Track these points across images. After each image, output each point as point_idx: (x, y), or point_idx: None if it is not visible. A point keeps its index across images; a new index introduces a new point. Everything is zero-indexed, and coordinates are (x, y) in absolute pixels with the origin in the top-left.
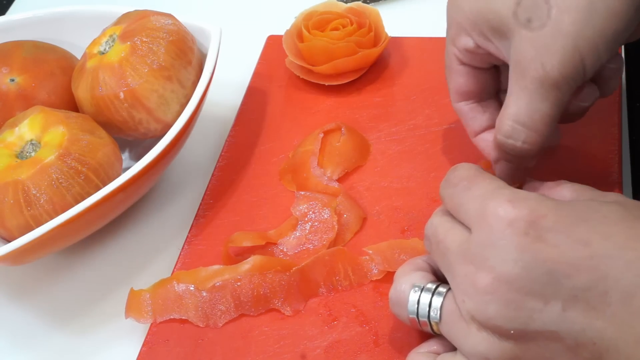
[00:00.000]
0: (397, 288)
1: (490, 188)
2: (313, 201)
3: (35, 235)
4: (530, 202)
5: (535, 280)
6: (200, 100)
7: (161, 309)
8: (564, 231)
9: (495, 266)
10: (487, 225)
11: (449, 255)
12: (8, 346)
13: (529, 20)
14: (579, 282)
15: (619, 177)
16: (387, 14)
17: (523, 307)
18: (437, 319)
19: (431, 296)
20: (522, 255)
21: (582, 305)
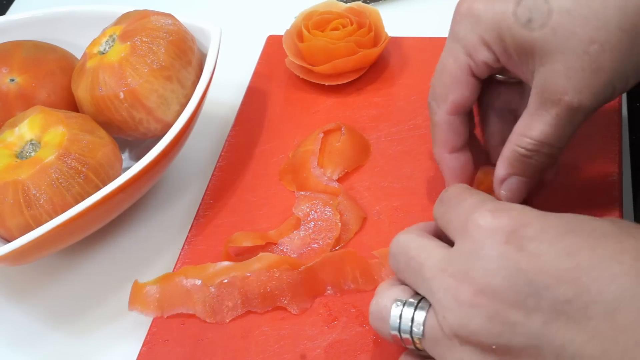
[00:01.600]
0: (379, 302)
1: (475, 202)
2: (314, 200)
3: (35, 235)
4: (512, 212)
5: (516, 291)
6: (200, 100)
7: (168, 303)
8: (548, 241)
9: (476, 278)
10: (469, 236)
11: (424, 270)
12: (8, 346)
13: (529, 20)
14: (559, 294)
15: (619, 177)
16: (387, 14)
17: (506, 320)
18: (420, 335)
19: (414, 311)
20: (504, 264)
21: (563, 318)
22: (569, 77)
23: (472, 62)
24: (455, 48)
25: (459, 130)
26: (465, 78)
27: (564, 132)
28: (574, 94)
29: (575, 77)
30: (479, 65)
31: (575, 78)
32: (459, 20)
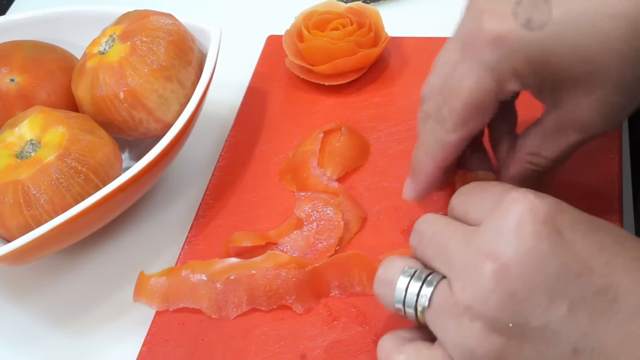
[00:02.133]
0: (387, 270)
1: (509, 186)
2: (316, 201)
3: (35, 235)
4: (551, 198)
5: (546, 273)
6: (200, 100)
7: (174, 296)
8: (582, 232)
9: (506, 252)
10: (503, 211)
11: (449, 244)
12: (8, 346)
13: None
14: (591, 283)
15: (619, 177)
16: (387, 14)
17: (529, 300)
18: (425, 305)
19: (421, 283)
20: (538, 244)
21: (589, 308)
22: (601, 111)
23: (501, 91)
24: (482, 75)
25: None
26: (492, 106)
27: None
28: (602, 126)
29: (608, 111)
30: (506, 94)
31: (608, 112)
32: (489, 47)
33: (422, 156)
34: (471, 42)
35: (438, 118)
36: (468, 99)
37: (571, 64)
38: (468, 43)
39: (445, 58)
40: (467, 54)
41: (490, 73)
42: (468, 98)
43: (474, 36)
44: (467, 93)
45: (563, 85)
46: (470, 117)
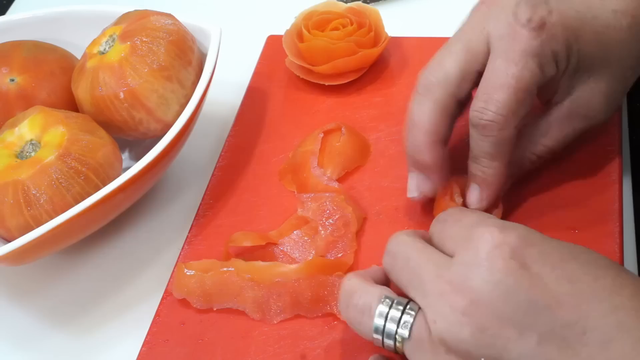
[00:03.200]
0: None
1: (479, 218)
2: (322, 200)
3: (35, 235)
4: (519, 230)
5: (514, 308)
6: (200, 100)
7: (218, 297)
8: (551, 264)
9: (475, 287)
10: (473, 246)
11: (422, 272)
12: (8, 346)
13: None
14: (559, 316)
15: (619, 177)
16: (387, 14)
17: (498, 334)
18: (405, 336)
19: (401, 312)
20: (505, 279)
21: (558, 341)
22: (608, 97)
23: (543, 75)
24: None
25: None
26: (534, 92)
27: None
28: (605, 113)
29: (613, 97)
30: (545, 79)
31: (612, 99)
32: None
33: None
34: (508, 33)
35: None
36: (516, 87)
37: (593, 50)
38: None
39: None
40: (502, 46)
41: (533, 58)
42: (516, 87)
43: (511, 26)
44: (514, 82)
45: (583, 71)
46: (520, 106)
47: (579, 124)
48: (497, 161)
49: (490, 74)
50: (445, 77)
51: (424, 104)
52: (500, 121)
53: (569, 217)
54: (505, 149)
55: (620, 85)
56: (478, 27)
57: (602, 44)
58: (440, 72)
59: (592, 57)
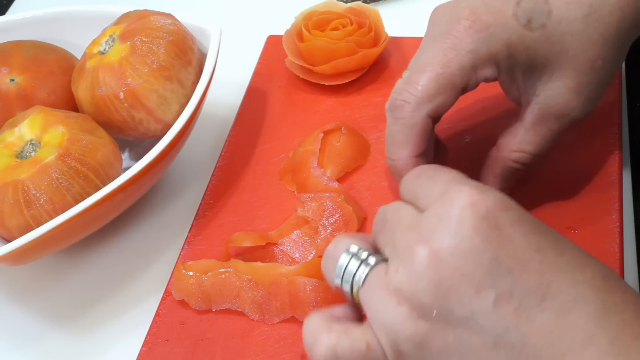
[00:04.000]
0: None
1: (458, 176)
2: (322, 200)
3: (35, 235)
4: (497, 194)
5: (476, 265)
6: (200, 100)
7: (217, 298)
8: (522, 232)
9: (440, 240)
10: (447, 202)
11: (396, 228)
12: (8, 346)
13: (529, 21)
14: (521, 280)
15: (619, 177)
16: (387, 14)
17: (455, 288)
18: (359, 284)
19: (360, 262)
20: (473, 236)
21: (515, 304)
22: (578, 92)
23: (474, 75)
24: (461, 57)
25: (430, 134)
26: (460, 87)
27: (555, 143)
28: (581, 109)
29: (584, 92)
30: (478, 80)
31: (584, 93)
32: (469, 31)
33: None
34: (445, 30)
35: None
36: (438, 72)
37: (544, 46)
38: (441, 33)
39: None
40: (438, 41)
41: (467, 54)
42: (439, 71)
43: (449, 24)
44: (438, 66)
45: (538, 69)
46: (437, 92)
47: (554, 124)
48: (406, 150)
49: (419, 57)
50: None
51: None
52: (412, 102)
53: (569, 217)
54: (416, 137)
55: (591, 77)
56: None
57: (555, 41)
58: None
59: (547, 55)
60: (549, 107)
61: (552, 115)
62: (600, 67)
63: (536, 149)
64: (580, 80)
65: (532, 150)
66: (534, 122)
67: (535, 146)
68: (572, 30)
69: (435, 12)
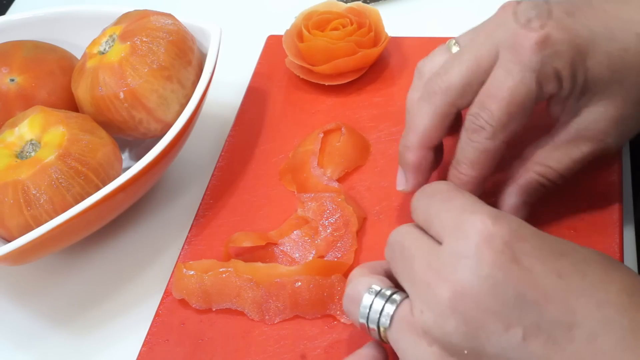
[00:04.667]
0: (354, 287)
1: (470, 202)
2: (322, 200)
3: (35, 235)
4: (512, 222)
5: (501, 302)
6: (200, 100)
7: (217, 297)
8: (542, 259)
9: (463, 279)
10: (463, 236)
11: (414, 262)
12: (8, 346)
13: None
14: (546, 312)
15: (619, 177)
16: (387, 14)
17: (484, 327)
18: (386, 325)
19: (385, 302)
20: (494, 273)
21: (544, 337)
22: (618, 123)
23: (540, 92)
24: (525, 75)
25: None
26: (530, 108)
27: (582, 166)
28: (615, 139)
29: (623, 124)
30: (544, 97)
31: (622, 125)
32: (535, 49)
33: (466, 169)
34: (512, 44)
35: (474, 126)
36: (509, 101)
37: (603, 71)
38: (508, 45)
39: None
40: (505, 56)
41: (532, 73)
42: (509, 100)
43: (516, 37)
44: (507, 95)
45: (590, 92)
46: (511, 120)
47: (586, 147)
48: (475, 171)
49: (489, 82)
50: (448, 88)
51: (424, 108)
52: (488, 130)
53: (569, 217)
54: (486, 160)
55: (634, 111)
56: (490, 34)
57: (615, 68)
58: (445, 82)
59: (603, 80)
60: (585, 130)
61: (586, 138)
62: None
63: (561, 167)
64: (625, 112)
65: (557, 167)
66: (566, 140)
67: (562, 165)
68: (633, 62)
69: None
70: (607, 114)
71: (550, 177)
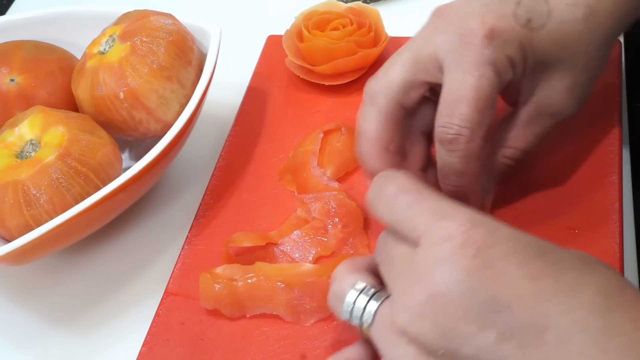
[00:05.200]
0: (339, 285)
1: (443, 204)
2: (324, 199)
3: (35, 235)
4: (487, 226)
5: (474, 305)
6: (200, 100)
7: (250, 304)
8: (515, 263)
9: (435, 283)
10: (437, 241)
11: (395, 262)
12: (8, 346)
13: (529, 21)
14: (520, 315)
15: (619, 177)
16: (387, 14)
17: (457, 329)
18: (368, 323)
19: (368, 299)
20: (466, 278)
21: (517, 340)
22: (572, 91)
23: (501, 82)
24: (483, 70)
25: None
26: (495, 98)
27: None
28: (574, 107)
29: (577, 91)
30: (503, 84)
31: (577, 92)
32: (486, 43)
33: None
34: (460, 44)
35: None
36: (476, 98)
37: (548, 46)
38: (456, 46)
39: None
40: (457, 58)
41: (489, 65)
42: (476, 97)
43: (462, 36)
44: (473, 93)
45: (542, 70)
46: (484, 115)
47: (548, 121)
48: (467, 178)
49: (448, 87)
50: (389, 85)
51: (368, 112)
52: (466, 134)
53: (569, 217)
54: (474, 163)
55: (584, 76)
56: (428, 38)
57: (557, 41)
58: (385, 81)
59: (549, 55)
60: (545, 105)
61: (547, 114)
62: (593, 66)
63: (526, 145)
64: (575, 79)
65: (523, 146)
66: (528, 120)
67: (526, 143)
68: (572, 31)
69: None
70: (561, 84)
71: (516, 156)
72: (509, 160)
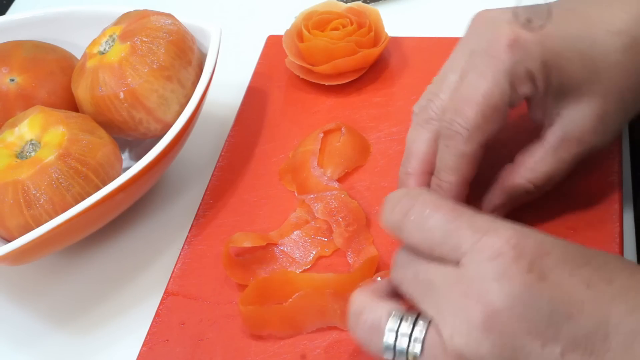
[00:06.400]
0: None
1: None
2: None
3: (35, 235)
4: (533, 238)
5: (536, 320)
6: (200, 100)
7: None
8: (568, 271)
9: (493, 302)
10: (487, 258)
11: (434, 285)
12: (8, 346)
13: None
14: (581, 324)
15: (619, 177)
16: (387, 14)
17: (520, 347)
18: (417, 352)
19: (412, 326)
20: (525, 293)
21: (581, 349)
22: (602, 119)
23: (515, 94)
24: (497, 78)
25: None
26: (504, 110)
27: (571, 169)
28: (603, 137)
29: (609, 121)
30: (519, 99)
31: (609, 122)
32: (507, 52)
33: (446, 176)
34: (485, 49)
35: (450, 132)
36: (483, 103)
37: (577, 70)
38: (481, 50)
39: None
40: (478, 61)
41: (505, 75)
42: (483, 103)
43: (489, 42)
44: (481, 98)
45: (568, 92)
46: (487, 122)
47: (574, 148)
48: (455, 177)
49: (463, 86)
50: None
51: (421, 134)
52: (465, 134)
53: (569, 217)
54: (465, 165)
55: (617, 107)
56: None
57: (588, 65)
58: (439, 106)
59: (579, 78)
60: (572, 131)
61: (574, 140)
62: (629, 99)
63: (551, 171)
64: (607, 108)
65: (547, 170)
66: (555, 144)
67: (551, 168)
68: (609, 60)
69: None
70: (590, 112)
71: (538, 182)
72: (530, 184)
